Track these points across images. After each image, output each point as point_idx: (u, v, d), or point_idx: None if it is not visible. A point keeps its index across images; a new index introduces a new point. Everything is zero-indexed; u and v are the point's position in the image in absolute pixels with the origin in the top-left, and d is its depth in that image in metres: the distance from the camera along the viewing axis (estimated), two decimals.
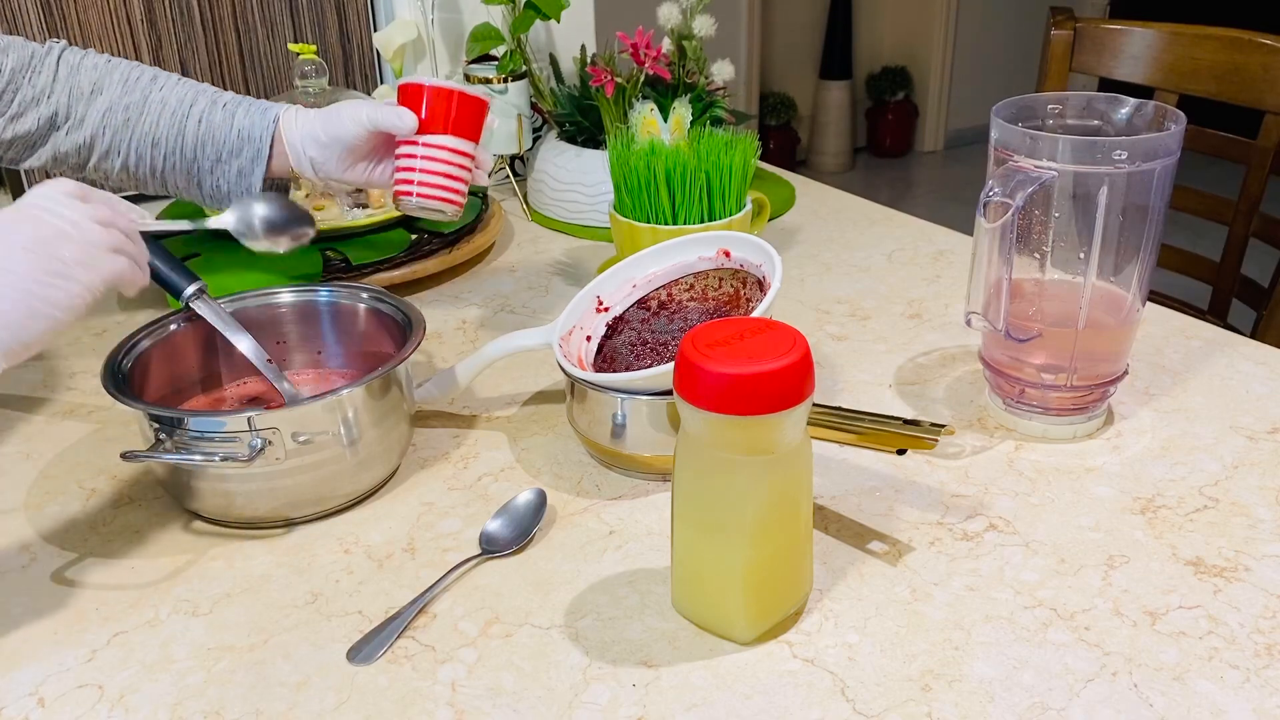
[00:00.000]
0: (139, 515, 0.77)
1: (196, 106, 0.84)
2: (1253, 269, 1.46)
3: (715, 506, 0.61)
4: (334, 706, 0.59)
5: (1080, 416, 0.82)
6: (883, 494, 0.76)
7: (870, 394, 0.90)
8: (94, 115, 0.83)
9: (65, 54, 0.85)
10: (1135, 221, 0.76)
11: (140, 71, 0.86)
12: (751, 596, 0.62)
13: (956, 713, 0.58)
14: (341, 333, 0.87)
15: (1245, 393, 0.88)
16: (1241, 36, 1.33)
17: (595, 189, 1.24)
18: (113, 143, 0.84)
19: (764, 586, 0.62)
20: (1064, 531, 0.72)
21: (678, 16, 1.24)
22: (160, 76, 0.86)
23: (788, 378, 0.56)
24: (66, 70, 0.84)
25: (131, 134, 0.84)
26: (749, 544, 0.60)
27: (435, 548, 0.72)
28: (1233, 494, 0.75)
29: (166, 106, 0.84)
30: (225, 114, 0.84)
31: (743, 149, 0.98)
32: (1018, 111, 0.80)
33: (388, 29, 1.35)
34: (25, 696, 0.61)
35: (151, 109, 0.84)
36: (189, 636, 0.65)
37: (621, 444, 0.77)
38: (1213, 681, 0.59)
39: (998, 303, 0.77)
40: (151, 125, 0.84)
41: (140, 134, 0.84)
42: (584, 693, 0.60)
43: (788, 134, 4.29)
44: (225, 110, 0.85)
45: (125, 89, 0.84)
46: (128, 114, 0.84)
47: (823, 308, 1.05)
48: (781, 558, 0.62)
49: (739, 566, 0.61)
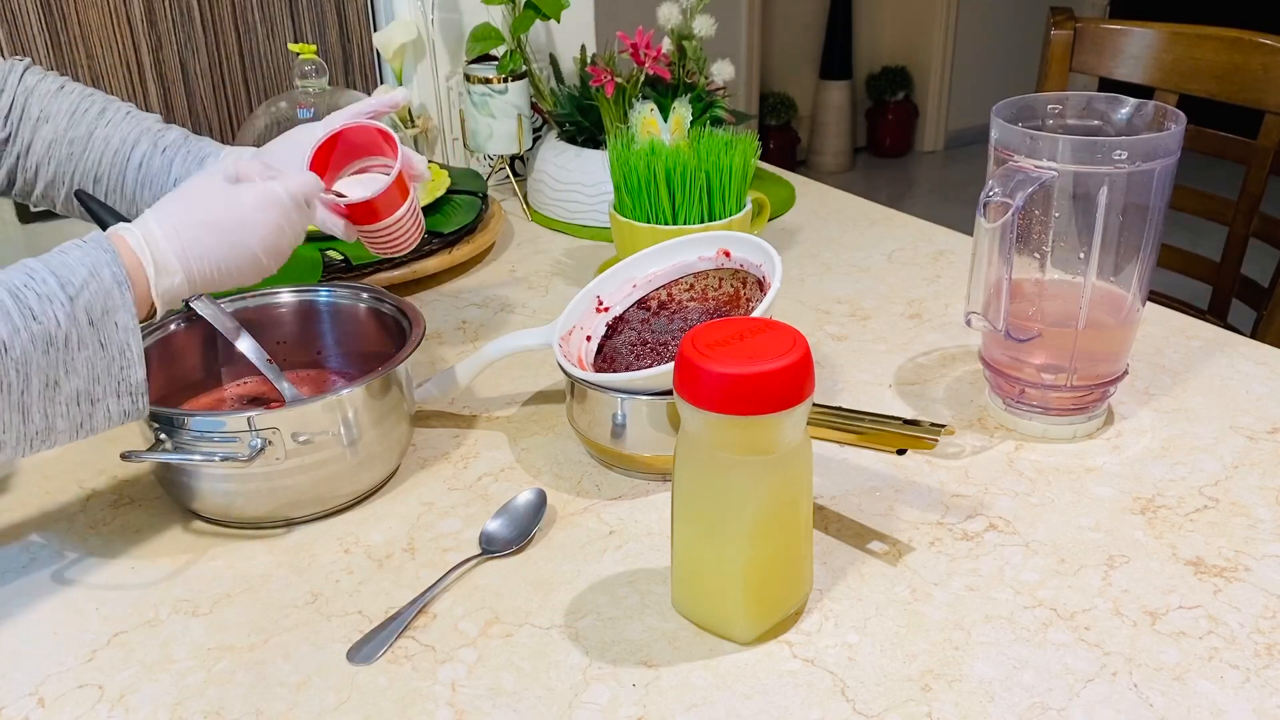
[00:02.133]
0: (139, 515, 0.77)
1: (138, 149, 0.83)
2: (1253, 269, 1.45)
3: (715, 506, 0.61)
4: (334, 706, 0.59)
5: (1080, 416, 0.82)
6: (883, 494, 0.76)
7: (870, 394, 0.90)
8: (39, 145, 0.82)
9: (26, 74, 0.83)
10: (1135, 221, 0.76)
11: (90, 103, 0.84)
12: (751, 596, 0.62)
13: (956, 713, 0.58)
14: (341, 333, 0.87)
15: (1245, 393, 0.88)
16: (1241, 36, 1.33)
17: (595, 189, 1.24)
18: (57, 174, 0.83)
19: (764, 586, 0.62)
20: (1064, 531, 0.72)
21: (678, 16, 1.24)
22: (109, 110, 0.84)
23: (788, 378, 0.56)
24: (23, 93, 0.83)
25: (74, 168, 0.83)
26: (749, 544, 0.61)
27: (435, 548, 0.72)
28: (1233, 494, 0.75)
29: (109, 145, 0.83)
30: (164, 160, 0.83)
31: (743, 149, 0.98)
32: (1018, 111, 0.80)
33: (388, 29, 1.35)
34: (25, 696, 0.61)
35: (95, 146, 0.83)
36: (189, 636, 0.65)
37: (621, 444, 0.77)
38: (1213, 681, 0.59)
39: (998, 303, 0.77)
40: (94, 163, 0.83)
41: (83, 170, 0.83)
42: (584, 693, 0.60)
43: (788, 134, 4.28)
44: (164, 156, 0.83)
45: (71, 122, 0.83)
46: (71, 148, 0.83)
47: (823, 308, 1.05)
48: (781, 558, 0.62)
49: (739, 566, 0.61)
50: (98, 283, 0.65)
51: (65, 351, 0.63)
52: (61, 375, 0.63)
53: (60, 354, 0.63)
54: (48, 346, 0.62)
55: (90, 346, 0.64)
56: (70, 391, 0.64)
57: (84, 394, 0.64)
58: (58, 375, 0.63)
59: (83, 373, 0.64)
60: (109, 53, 1.27)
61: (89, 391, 0.64)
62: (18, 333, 0.61)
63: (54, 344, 0.62)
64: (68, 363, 0.63)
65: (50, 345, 0.62)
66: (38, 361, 0.62)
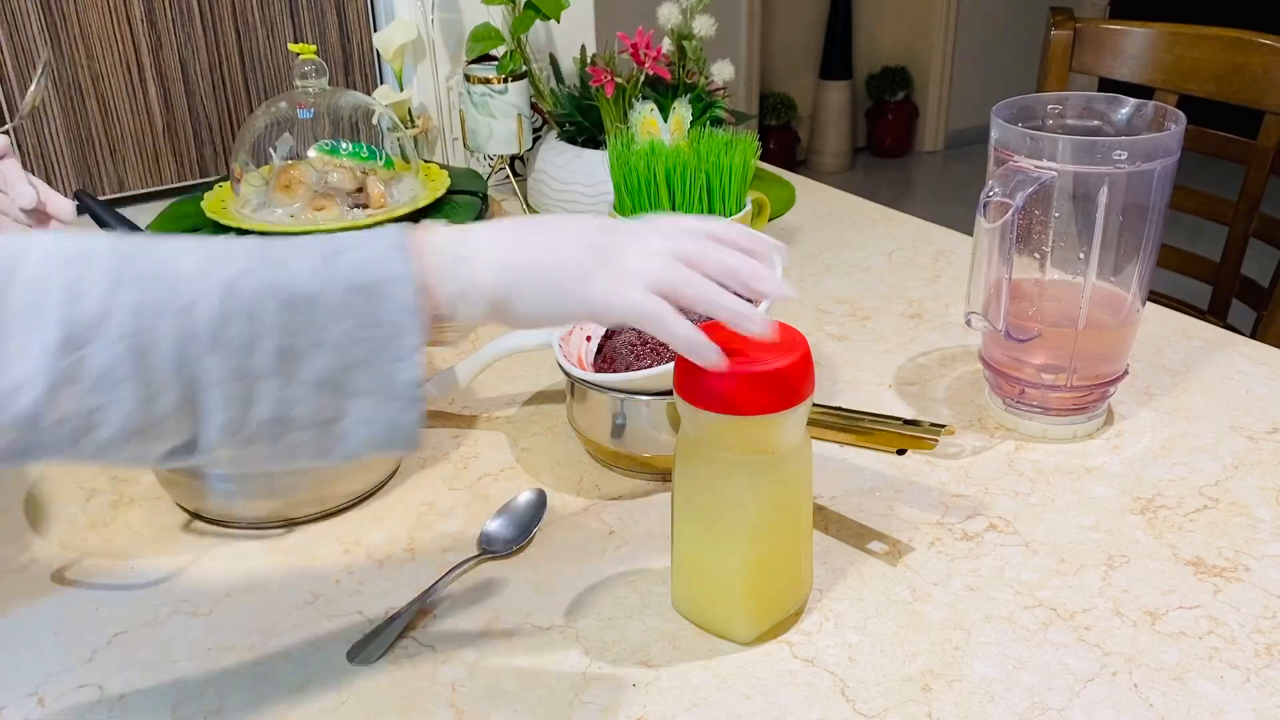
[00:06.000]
0: (139, 515, 0.77)
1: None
2: (1253, 269, 1.45)
3: (715, 506, 0.61)
4: (334, 706, 0.59)
5: (1080, 416, 0.82)
6: (883, 494, 0.76)
7: (870, 394, 0.90)
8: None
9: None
10: (1135, 221, 0.76)
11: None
12: (752, 596, 0.62)
13: (956, 713, 0.58)
14: None
15: (1245, 393, 0.88)
16: (1241, 36, 1.33)
17: (595, 189, 1.24)
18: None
19: (764, 586, 0.62)
20: (1064, 531, 0.72)
21: (678, 16, 1.24)
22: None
23: (788, 378, 0.56)
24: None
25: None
26: (749, 544, 0.61)
27: (435, 548, 0.72)
28: (1233, 494, 0.75)
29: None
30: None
31: (743, 149, 0.98)
32: (1018, 111, 0.80)
33: (388, 29, 1.34)
34: (25, 696, 0.61)
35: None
36: (189, 636, 0.65)
37: (621, 444, 0.77)
38: (1213, 681, 0.59)
39: (998, 303, 0.77)
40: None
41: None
42: (584, 693, 0.60)
43: (788, 134, 4.28)
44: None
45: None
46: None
47: (823, 308, 1.05)
48: (782, 558, 0.62)
49: (739, 566, 0.61)
50: (367, 248, 0.50)
51: (315, 315, 0.48)
52: (306, 346, 0.47)
53: (307, 316, 0.47)
54: (290, 302, 0.47)
55: (350, 318, 0.48)
56: (315, 372, 0.48)
57: (333, 381, 0.48)
58: (300, 345, 0.47)
59: (334, 353, 0.48)
60: (109, 53, 1.27)
61: (340, 380, 0.48)
62: (251, 273, 0.47)
63: (299, 301, 0.47)
64: (317, 331, 0.48)
65: (294, 302, 0.47)
66: (272, 319, 0.47)
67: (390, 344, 0.49)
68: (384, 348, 0.48)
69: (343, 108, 1.20)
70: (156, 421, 0.47)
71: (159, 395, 0.46)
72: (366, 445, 0.50)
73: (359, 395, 0.49)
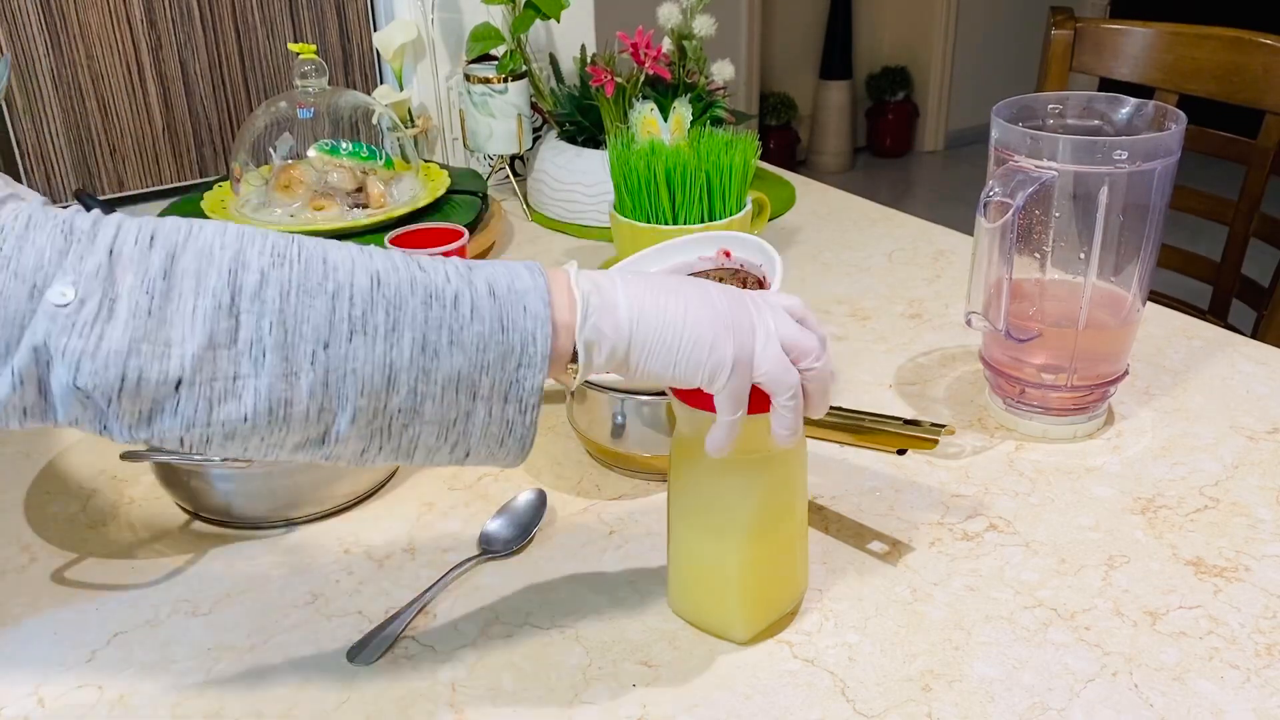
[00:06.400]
0: (139, 515, 0.77)
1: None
2: (1253, 269, 1.45)
3: (711, 506, 0.61)
4: (334, 706, 0.59)
5: (1080, 416, 0.82)
6: (883, 494, 0.76)
7: (870, 394, 0.90)
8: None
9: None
10: (1135, 221, 0.76)
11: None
12: (748, 596, 0.62)
13: (956, 713, 0.58)
14: None
15: (1245, 393, 0.88)
16: (1242, 36, 1.33)
17: (595, 189, 1.24)
18: None
19: (761, 586, 0.62)
20: (1064, 531, 0.72)
21: (678, 16, 1.24)
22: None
23: None
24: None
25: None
26: (745, 543, 0.61)
27: (435, 548, 0.72)
28: (1233, 494, 0.75)
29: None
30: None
31: (743, 149, 0.98)
32: (1018, 111, 0.80)
33: (388, 29, 1.35)
34: (25, 696, 0.61)
35: None
36: (189, 636, 0.65)
37: (621, 444, 0.77)
38: (1213, 681, 0.59)
39: (998, 303, 0.77)
40: None
41: None
42: (584, 693, 0.60)
43: (788, 134, 4.28)
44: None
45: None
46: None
47: (823, 308, 1.05)
48: (778, 557, 0.63)
49: (735, 566, 0.61)
50: (507, 270, 0.53)
51: (453, 313, 0.50)
52: (443, 343, 0.50)
53: (447, 314, 0.50)
54: (429, 299, 0.50)
55: (487, 321, 0.50)
56: (450, 370, 0.50)
57: (465, 380, 0.50)
58: (438, 340, 0.50)
59: (470, 351, 0.50)
60: (109, 53, 1.27)
61: (472, 380, 0.50)
62: (395, 270, 0.50)
63: (439, 299, 0.50)
64: (454, 330, 0.50)
65: (434, 299, 0.50)
66: (413, 311, 0.50)
67: (522, 351, 0.51)
68: (515, 353, 0.51)
69: (342, 107, 1.20)
70: (293, 403, 0.48)
71: (300, 374, 0.48)
72: (483, 447, 0.53)
73: (485, 398, 0.51)
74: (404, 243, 0.96)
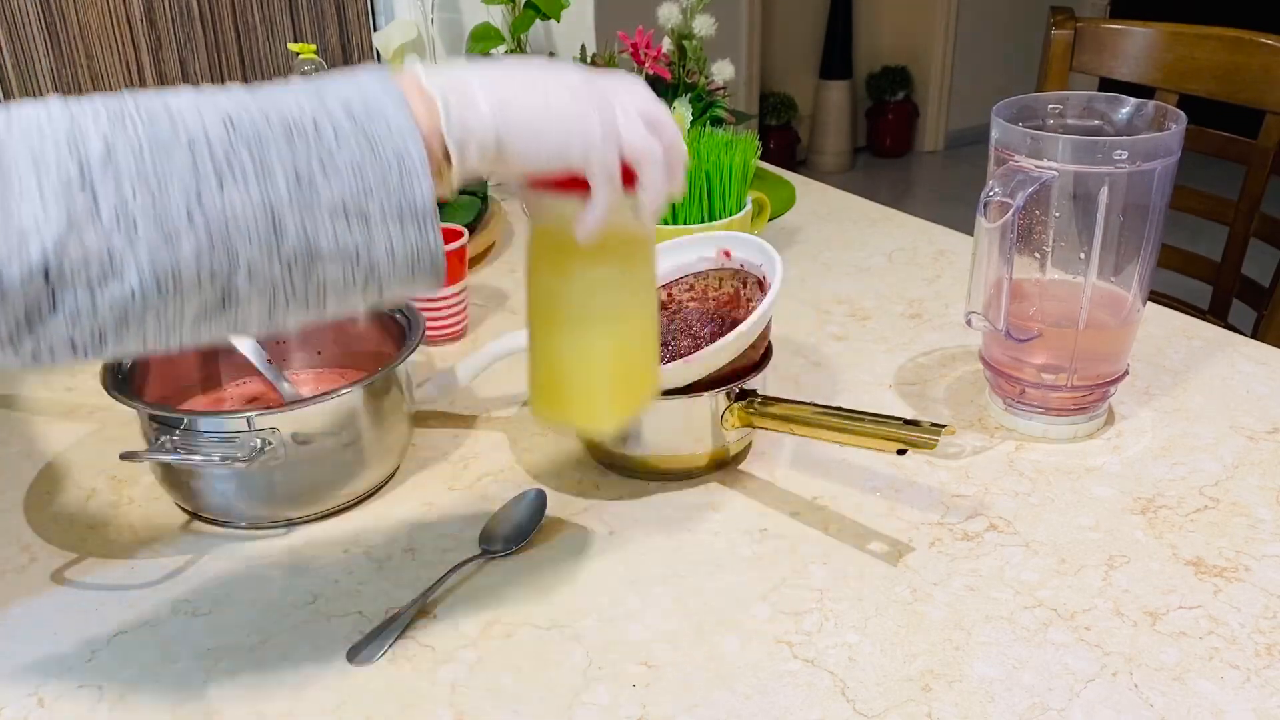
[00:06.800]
0: (139, 515, 0.77)
1: None
2: (1253, 269, 1.45)
3: (575, 300, 0.62)
4: (334, 706, 0.59)
5: (1080, 416, 0.82)
6: (883, 494, 0.76)
7: (870, 394, 0.90)
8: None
9: None
10: (1135, 221, 0.76)
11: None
12: (615, 385, 0.64)
13: (956, 713, 0.58)
14: (341, 333, 0.87)
15: (1245, 393, 0.88)
16: (1241, 36, 1.33)
17: None
18: None
19: (624, 375, 0.64)
20: (1064, 531, 0.72)
21: (678, 16, 1.24)
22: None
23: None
24: None
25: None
26: (608, 332, 0.63)
27: (435, 548, 0.72)
28: (1233, 494, 0.75)
29: None
30: None
31: (743, 149, 0.98)
32: (1018, 111, 0.80)
33: (388, 29, 1.34)
34: (25, 696, 0.61)
35: None
36: (189, 636, 0.65)
37: (621, 444, 0.77)
38: (1213, 681, 0.59)
39: (998, 303, 0.77)
40: None
41: None
42: (584, 693, 0.60)
43: (788, 134, 4.28)
44: None
45: None
46: None
47: (823, 308, 1.05)
48: (636, 347, 0.65)
49: (601, 355, 0.63)
50: (353, 85, 0.50)
51: (318, 142, 0.48)
52: (316, 171, 0.47)
53: (311, 144, 0.48)
54: (289, 131, 0.47)
55: (353, 146, 0.48)
56: (333, 199, 0.48)
57: (353, 208, 0.48)
58: (310, 171, 0.47)
59: (346, 177, 0.48)
60: (109, 53, 1.27)
61: (360, 206, 0.48)
62: (244, 108, 0.47)
63: (299, 130, 0.48)
64: (324, 159, 0.48)
65: (294, 131, 0.48)
66: (278, 147, 0.47)
67: (399, 165, 0.49)
68: (394, 170, 0.49)
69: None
70: (180, 269, 0.45)
71: (179, 236, 0.45)
72: (394, 278, 0.51)
73: (379, 222, 0.49)
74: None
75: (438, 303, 0.97)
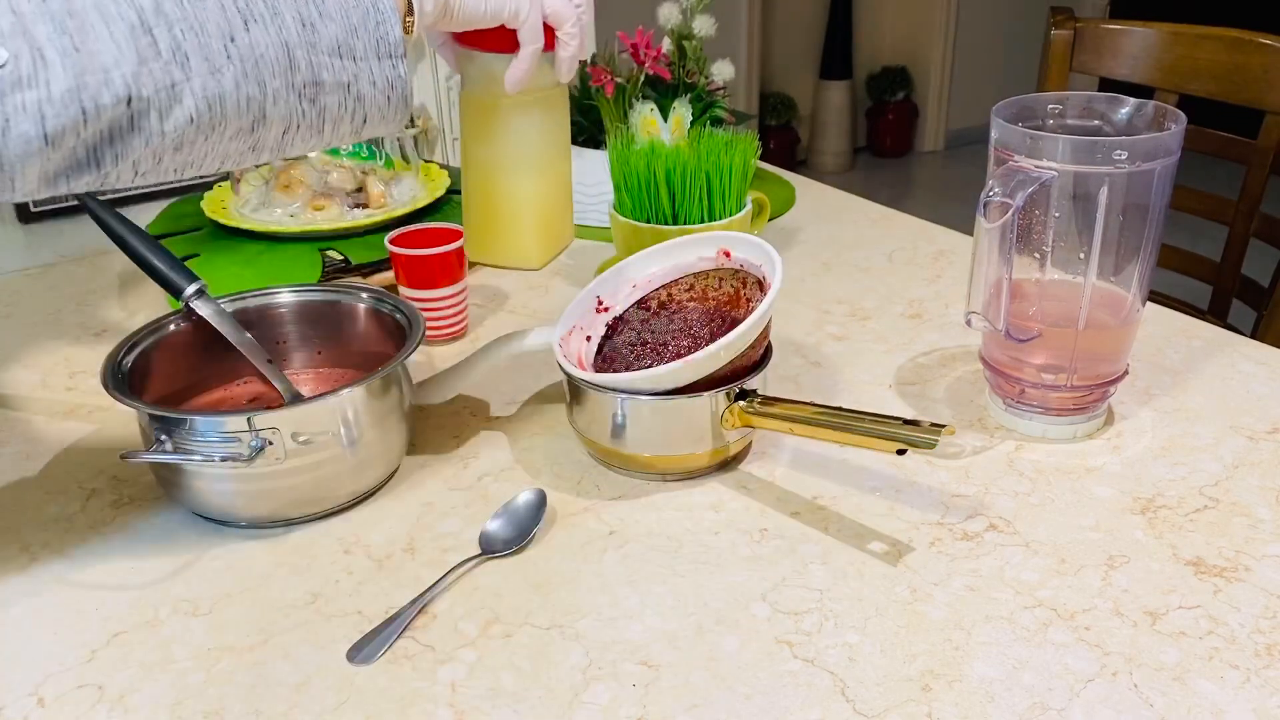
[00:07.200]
0: (139, 515, 0.77)
1: None
2: (1253, 269, 1.46)
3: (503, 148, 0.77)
4: (334, 706, 0.59)
5: (1080, 417, 0.82)
6: (883, 494, 0.76)
7: (870, 394, 0.90)
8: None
9: None
10: (1135, 221, 0.76)
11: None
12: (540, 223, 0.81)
13: (956, 713, 0.58)
14: (341, 333, 0.87)
15: (1245, 393, 0.88)
16: (1242, 36, 1.33)
17: (595, 189, 1.24)
18: None
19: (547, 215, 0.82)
20: (1064, 531, 0.72)
21: (678, 16, 1.24)
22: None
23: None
24: None
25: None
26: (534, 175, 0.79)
27: (435, 548, 0.72)
28: (1233, 494, 0.75)
29: None
30: None
31: (743, 149, 0.98)
32: (1018, 111, 0.80)
33: None
34: (25, 696, 0.61)
35: None
36: (189, 636, 0.65)
37: (621, 444, 0.77)
38: (1213, 681, 0.59)
39: (998, 303, 0.77)
40: None
41: None
42: (584, 693, 0.60)
43: (788, 134, 4.29)
44: None
45: None
46: None
47: (823, 308, 1.05)
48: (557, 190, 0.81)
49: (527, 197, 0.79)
50: None
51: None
52: (315, 16, 0.59)
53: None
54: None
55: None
56: (330, 38, 0.60)
57: (345, 46, 0.60)
58: (310, 14, 0.59)
59: (337, 18, 0.60)
60: None
61: (349, 44, 0.61)
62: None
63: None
64: (318, 5, 0.60)
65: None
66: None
67: (375, 9, 0.62)
68: (371, 14, 0.61)
69: None
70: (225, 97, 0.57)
71: (222, 70, 0.56)
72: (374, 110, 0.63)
73: (363, 58, 0.61)
74: (404, 243, 0.96)
75: (438, 303, 0.97)
